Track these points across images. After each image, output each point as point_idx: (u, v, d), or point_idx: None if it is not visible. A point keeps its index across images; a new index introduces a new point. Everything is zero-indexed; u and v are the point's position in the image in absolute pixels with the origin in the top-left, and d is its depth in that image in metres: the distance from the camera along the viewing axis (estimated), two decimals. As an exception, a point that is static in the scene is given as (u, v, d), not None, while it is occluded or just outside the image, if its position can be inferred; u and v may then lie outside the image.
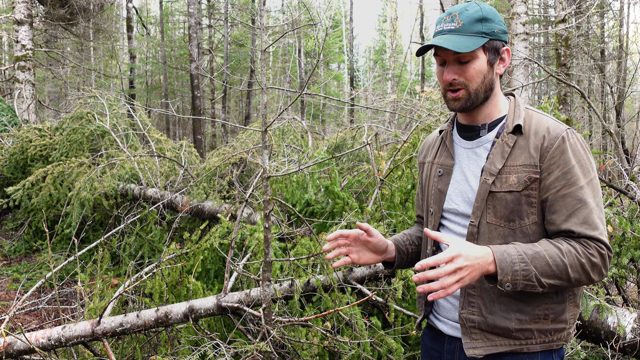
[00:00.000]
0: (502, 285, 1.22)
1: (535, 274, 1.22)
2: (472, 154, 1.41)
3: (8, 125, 7.06)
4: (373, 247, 1.48)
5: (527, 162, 1.30)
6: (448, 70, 1.34)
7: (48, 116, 11.91)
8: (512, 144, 1.33)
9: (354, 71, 23.00)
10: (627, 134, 12.71)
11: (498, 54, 1.37)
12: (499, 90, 1.42)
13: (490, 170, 1.33)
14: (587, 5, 10.31)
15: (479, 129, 1.41)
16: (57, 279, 4.40)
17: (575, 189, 1.26)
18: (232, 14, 17.50)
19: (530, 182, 1.29)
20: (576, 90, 4.52)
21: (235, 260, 3.13)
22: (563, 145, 1.28)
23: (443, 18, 1.35)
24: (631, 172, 3.35)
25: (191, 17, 11.80)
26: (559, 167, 1.28)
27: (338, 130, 5.50)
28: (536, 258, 1.22)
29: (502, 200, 1.31)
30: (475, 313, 1.35)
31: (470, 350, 1.34)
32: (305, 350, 2.44)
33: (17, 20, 8.23)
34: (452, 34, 1.31)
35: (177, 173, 5.36)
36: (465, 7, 1.33)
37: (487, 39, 1.32)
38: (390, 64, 24.46)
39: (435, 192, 1.48)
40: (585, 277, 1.24)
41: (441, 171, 1.48)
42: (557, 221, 1.28)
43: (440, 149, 1.52)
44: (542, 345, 1.32)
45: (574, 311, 1.36)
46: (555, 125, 1.32)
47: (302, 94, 2.17)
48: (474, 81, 1.33)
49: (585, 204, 1.26)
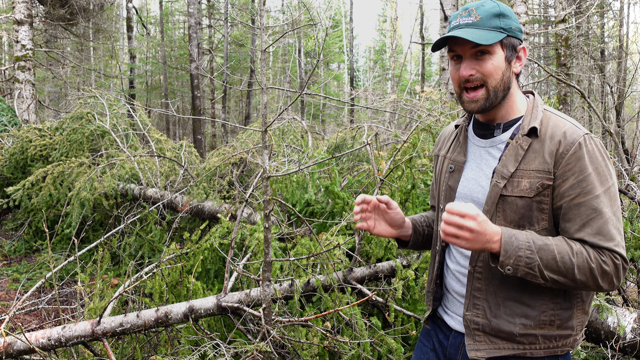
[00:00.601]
0: (502, 267, 1.20)
1: (539, 265, 1.19)
2: (485, 154, 1.38)
3: (8, 125, 7.06)
4: (390, 219, 1.47)
5: (541, 168, 1.26)
6: (465, 66, 1.29)
7: (48, 116, 11.91)
8: (526, 147, 1.29)
9: (354, 71, 23.00)
10: (627, 134, 12.70)
11: (515, 52, 1.33)
12: (516, 90, 1.37)
13: (502, 173, 1.30)
14: (587, 5, 10.31)
15: (494, 127, 1.37)
16: (57, 279, 4.40)
17: (590, 197, 1.22)
18: (232, 14, 17.49)
19: (542, 188, 1.25)
20: (576, 90, 4.52)
21: (235, 260, 3.13)
22: (580, 152, 1.23)
23: (459, 13, 1.31)
24: (631, 172, 3.35)
25: (191, 17, 11.80)
26: (574, 175, 1.23)
27: (338, 130, 5.50)
28: (544, 250, 1.20)
29: (512, 205, 1.28)
30: (480, 315, 1.34)
31: (472, 352, 1.33)
32: (305, 350, 2.44)
33: (17, 20, 8.23)
34: (470, 28, 1.27)
35: (177, 173, 5.36)
36: (481, 3, 1.30)
37: (504, 35, 1.28)
38: (390, 64, 24.46)
39: (445, 188, 1.46)
40: (593, 282, 1.20)
41: (452, 167, 1.45)
42: (571, 230, 1.24)
43: (454, 144, 1.49)
44: (546, 351, 1.30)
45: (582, 318, 1.33)
46: (573, 130, 1.27)
47: (302, 94, 2.17)
48: (492, 77, 1.28)
49: (600, 214, 1.21)
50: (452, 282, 1.45)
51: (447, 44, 1.32)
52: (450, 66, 1.36)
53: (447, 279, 1.47)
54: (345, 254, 2.96)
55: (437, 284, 1.51)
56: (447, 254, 1.49)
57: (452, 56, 1.34)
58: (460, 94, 1.34)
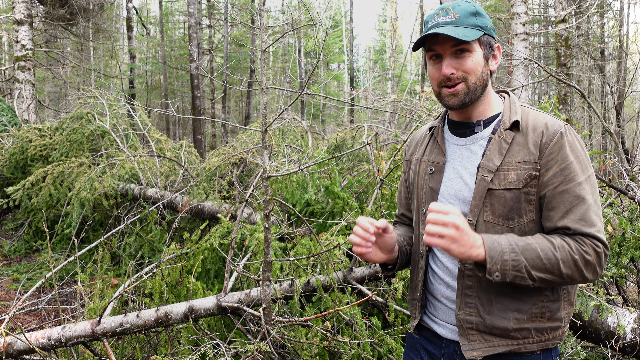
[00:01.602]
0: (490, 274, 1.21)
1: (525, 265, 1.20)
2: (466, 151, 1.39)
3: (8, 125, 7.06)
4: (382, 243, 1.40)
5: (527, 159, 1.28)
6: (446, 64, 1.31)
7: (48, 116, 11.91)
8: (509, 140, 1.31)
9: (354, 71, 22.99)
10: (627, 134, 12.71)
11: (492, 49, 1.36)
12: (491, 88, 1.40)
13: (488, 167, 1.31)
14: (587, 5, 10.31)
15: (473, 125, 1.39)
16: (57, 279, 4.40)
17: (573, 185, 1.25)
18: (232, 14, 17.50)
19: (530, 179, 1.28)
20: (576, 90, 4.52)
21: (235, 260, 3.13)
22: (561, 141, 1.27)
23: (436, 13, 1.33)
24: (631, 172, 3.35)
25: (191, 17, 11.80)
26: (557, 163, 1.26)
27: (338, 130, 5.50)
28: (527, 250, 1.21)
29: (500, 198, 1.29)
30: (473, 314, 1.33)
31: (469, 352, 1.32)
32: (305, 350, 2.44)
33: (17, 20, 8.23)
34: (450, 26, 1.29)
35: (177, 173, 5.36)
36: (457, 3, 1.33)
37: (482, 32, 1.30)
38: (390, 64, 24.47)
39: (426, 190, 1.45)
40: (579, 274, 1.23)
41: (432, 169, 1.44)
42: (555, 218, 1.26)
43: (430, 146, 1.49)
44: (539, 345, 1.32)
45: (568, 309, 1.35)
46: (553, 122, 1.31)
47: (302, 94, 2.17)
48: (473, 74, 1.31)
49: (583, 201, 1.25)
50: (439, 287, 1.42)
51: (425, 44, 1.33)
52: (429, 65, 1.37)
53: (434, 285, 1.44)
54: (345, 254, 2.96)
55: (422, 290, 1.48)
56: (432, 259, 1.46)
57: (430, 55, 1.35)
58: (439, 91, 1.36)
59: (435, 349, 1.46)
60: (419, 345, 1.51)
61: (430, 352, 1.47)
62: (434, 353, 1.46)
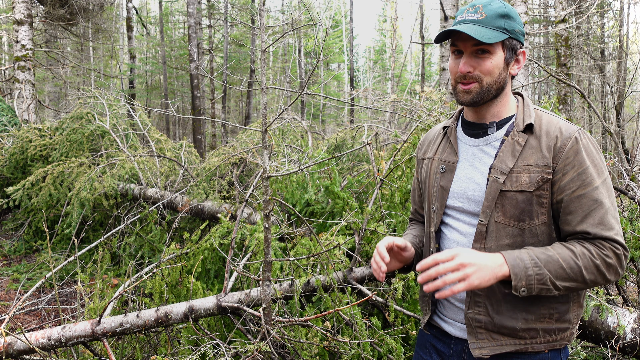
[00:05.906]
0: (517, 290, 1.22)
1: (550, 278, 1.21)
2: (479, 152, 1.39)
3: (8, 125, 7.06)
4: (399, 256, 1.48)
5: (540, 162, 1.29)
6: (465, 62, 1.31)
7: (48, 116, 11.91)
8: (523, 143, 1.31)
9: (354, 71, 22.99)
10: (627, 134, 12.71)
11: (515, 54, 1.35)
12: (509, 91, 1.40)
13: (501, 168, 1.31)
14: (587, 5, 10.31)
15: (486, 126, 1.39)
16: (57, 279, 4.39)
17: (590, 189, 1.25)
18: (232, 14, 17.49)
19: (542, 182, 1.28)
20: (576, 90, 4.52)
21: (235, 260, 3.13)
22: (577, 146, 1.27)
23: (466, 9, 1.33)
24: (631, 172, 3.36)
25: (191, 17, 11.80)
26: (573, 168, 1.26)
27: (338, 130, 5.49)
28: (549, 262, 1.22)
29: (512, 200, 1.30)
30: (482, 313, 1.34)
31: (476, 350, 1.34)
32: (305, 350, 2.43)
33: (17, 20, 8.23)
34: (474, 24, 1.29)
35: (177, 173, 5.36)
36: (489, 2, 1.32)
37: (507, 36, 1.30)
38: (390, 64, 24.46)
39: (437, 188, 1.46)
40: (601, 277, 1.24)
41: (444, 168, 1.45)
42: (573, 222, 1.27)
43: (443, 145, 1.50)
44: (547, 345, 1.32)
45: (577, 311, 1.36)
46: (568, 126, 1.31)
47: (302, 94, 2.17)
48: (489, 75, 1.31)
49: (601, 205, 1.25)
50: None
51: (450, 37, 1.34)
52: (450, 59, 1.38)
53: None
54: (345, 254, 2.96)
55: None
56: None
57: (453, 50, 1.36)
58: (455, 85, 1.37)
59: (444, 347, 1.47)
60: (429, 344, 1.53)
61: (439, 350, 1.49)
62: (443, 351, 1.47)
